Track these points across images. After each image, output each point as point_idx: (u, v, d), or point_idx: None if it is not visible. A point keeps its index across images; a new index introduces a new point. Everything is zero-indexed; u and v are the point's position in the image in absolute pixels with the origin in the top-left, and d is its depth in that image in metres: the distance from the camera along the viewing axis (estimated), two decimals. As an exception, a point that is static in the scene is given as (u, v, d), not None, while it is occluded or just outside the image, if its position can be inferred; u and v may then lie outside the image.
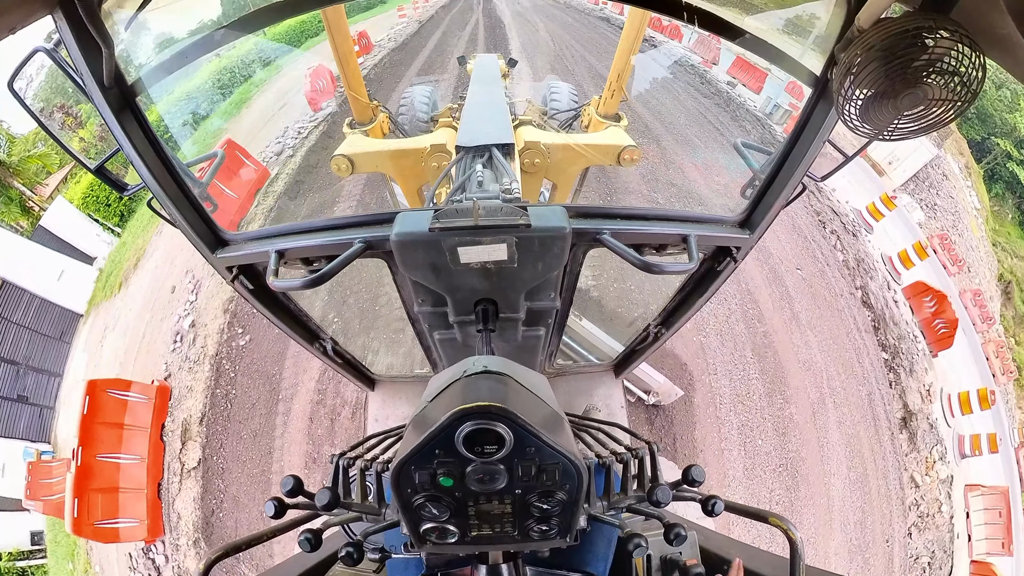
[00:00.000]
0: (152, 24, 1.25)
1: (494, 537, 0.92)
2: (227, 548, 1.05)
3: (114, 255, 11.09)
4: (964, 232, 13.66)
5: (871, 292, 8.51)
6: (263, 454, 6.07)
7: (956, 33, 0.82)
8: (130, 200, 12.28)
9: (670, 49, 15.88)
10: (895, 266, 9.58)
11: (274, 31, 15.16)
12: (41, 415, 9.09)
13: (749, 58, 12.82)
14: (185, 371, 6.51)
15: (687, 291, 2.18)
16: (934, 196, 13.72)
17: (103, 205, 12.24)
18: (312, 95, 11.90)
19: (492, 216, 1.36)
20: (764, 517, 1.06)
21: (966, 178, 16.37)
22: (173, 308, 7.43)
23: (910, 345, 8.26)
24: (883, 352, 7.86)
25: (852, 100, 0.98)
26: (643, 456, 1.16)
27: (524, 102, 3.91)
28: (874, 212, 10.39)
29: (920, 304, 8.93)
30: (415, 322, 2.14)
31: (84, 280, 10.61)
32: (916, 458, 7.20)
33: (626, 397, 5.81)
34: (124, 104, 1.25)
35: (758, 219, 1.66)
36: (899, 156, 13.08)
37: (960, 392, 8.45)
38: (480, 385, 0.91)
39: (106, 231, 12.12)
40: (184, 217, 1.51)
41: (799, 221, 9.09)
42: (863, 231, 9.92)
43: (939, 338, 8.65)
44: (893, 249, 10.01)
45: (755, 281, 7.48)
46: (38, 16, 0.95)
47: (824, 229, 9.28)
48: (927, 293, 8.88)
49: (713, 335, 6.81)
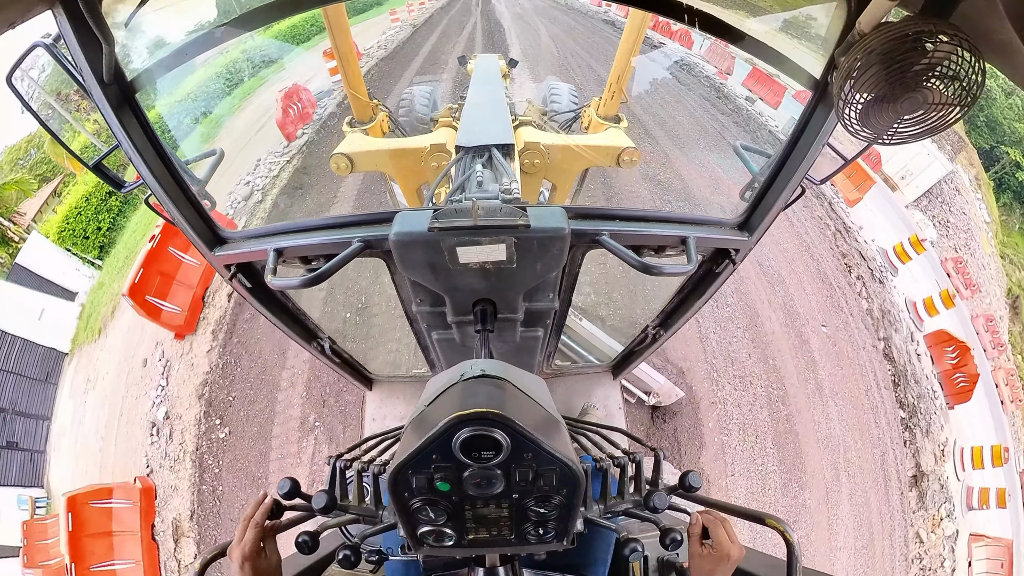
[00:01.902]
0: (152, 20, 1.24)
1: (491, 540, 0.91)
2: (222, 548, 1.04)
3: (94, 295, 10.44)
4: (976, 251, 13.36)
5: (894, 345, 8.20)
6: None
7: (956, 38, 0.83)
8: (110, 230, 12.03)
9: (683, 57, 15.31)
10: (918, 312, 9.17)
11: (262, 37, 14.73)
12: (32, 460, 8.70)
13: (768, 70, 12.39)
14: (167, 469, 6.17)
15: (685, 293, 2.18)
16: (947, 213, 13.42)
17: (80, 238, 11.74)
18: (285, 123, 10.44)
19: (491, 216, 1.36)
20: (761, 519, 1.07)
21: (976, 190, 16.06)
22: (145, 387, 6.99)
23: (928, 404, 7.98)
24: (901, 410, 7.64)
25: (852, 103, 0.98)
26: (640, 460, 1.16)
27: (524, 102, 3.91)
28: (901, 254, 9.92)
29: (941, 354, 8.57)
30: (413, 322, 2.14)
31: (66, 317, 10.05)
32: (923, 515, 7.07)
33: (624, 397, 5.84)
34: (123, 101, 1.25)
35: (757, 221, 1.66)
36: (912, 171, 12.79)
37: (973, 447, 8.20)
38: (477, 390, 0.91)
39: (86, 264, 11.56)
40: (182, 214, 1.51)
41: (825, 265, 8.75)
42: (888, 274, 9.50)
43: (957, 391, 8.34)
44: (918, 294, 9.57)
45: (782, 354, 7.13)
46: (38, 11, 0.95)
47: (850, 274, 8.92)
48: (950, 343, 8.51)
49: (735, 431, 6.41)
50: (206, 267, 7.24)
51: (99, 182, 11.57)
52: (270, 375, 6.33)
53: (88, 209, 11.97)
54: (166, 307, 7.01)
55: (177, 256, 7.37)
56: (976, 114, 20.22)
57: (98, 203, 12.09)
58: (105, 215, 12.20)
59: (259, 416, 6.07)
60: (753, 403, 6.60)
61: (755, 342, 7.02)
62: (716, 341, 6.83)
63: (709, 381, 6.51)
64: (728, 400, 6.43)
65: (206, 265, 6.95)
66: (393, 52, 14.82)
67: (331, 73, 12.18)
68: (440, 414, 0.81)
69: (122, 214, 12.49)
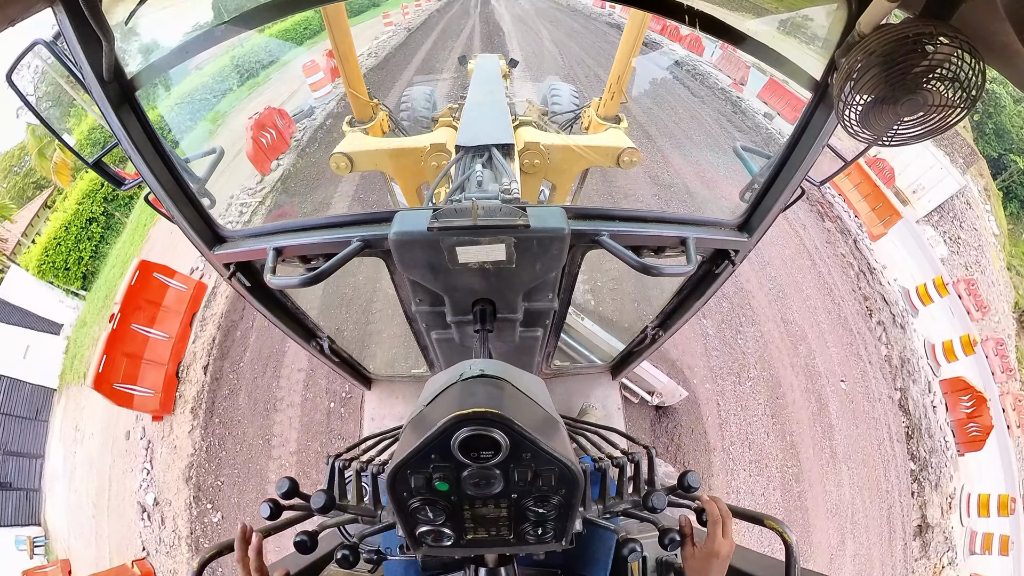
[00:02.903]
0: (153, 18, 1.24)
1: (490, 540, 0.91)
2: (220, 547, 1.04)
3: (77, 332, 9.99)
4: (987, 268, 13.05)
5: (911, 397, 7.96)
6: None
7: (956, 40, 0.83)
8: (92, 258, 11.61)
9: (695, 66, 14.58)
10: (936, 356, 8.90)
11: (246, 49, 14.27)
12: (28, 498, 8.57)
13: (785, 82, 11.75)
14: (163, 554, 5.96)
15: (685, 293, 2.18)
16: (957, 228, 13.12)
17: (61, 270, 11.26)
18: (257, 155, 9.00)
19: (491, 216, 1.36)
20: (760, 520, 1.07)
21: (985, 201, 15.74)
22: (130, 463, 6.65)
23: (940, 458, 7.82)
24: (912, 462, 7.50)
25: (852, 105, 0.98)
26: (639, 460, 1.16)
27: (524, 102, 3.91)
28: (923, 295, 9.56)
29: (956, 402, 8.37)
30: (412, 321, 2.14)
31: (53, 352, 9.90)
32: (925, 564, 6.98)
33: (624, 395, 5.81)
34: (123, 98, 1.24)
35: (756, 222, 1.66)
36: (924, 185, 12.50)
37: (981, 494, 8.08)
38: (476, 390, 0.91)
39: (69, 295, 11.19)
40: (182, 213, 1.51)
41: (846, 309, 8.44)
42: (909, 316, 9.17)
43: (970, 440, 8.20)
44: (938, 337, 9.25)
45: (800, 426, 6.82)
46: (38, 8, 0.95)
47: (871, 319, 8.60)
48: (966, 392, 8.30)
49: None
50: (175, 340, 6.93)
51: (78, 210, 11.55)
52: (256, 464, 6.01)
53: (68, 239, 11.51)
54: (138, 391, 6.52)
55: (142, 333, 6.85)
56: (984, 121, 20.02)
57: (78, 231, 11.68)
58: (86, 243, 11.78)
59: (251, 504, 5.83)
60: (767, 486, 6.37)
61: (775, 417, 6.70)
62: (736, 424, 6.49)
63: (725, 472, 6.18)
64: (741, 488, 6.19)
65: (175, 338, 6.85)
66: (384, 60, 13.94)
67: (313, 88, 11.85)
68: (439, 414, 0.81)
69: (104, 241, 12.13)
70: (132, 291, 6.88)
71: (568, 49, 15.06)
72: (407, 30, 17.06)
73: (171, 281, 7.39)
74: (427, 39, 16.53)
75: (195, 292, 7.51)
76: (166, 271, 7.41)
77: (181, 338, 7.06)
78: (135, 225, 11.34)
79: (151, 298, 7.10)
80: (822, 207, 10.18)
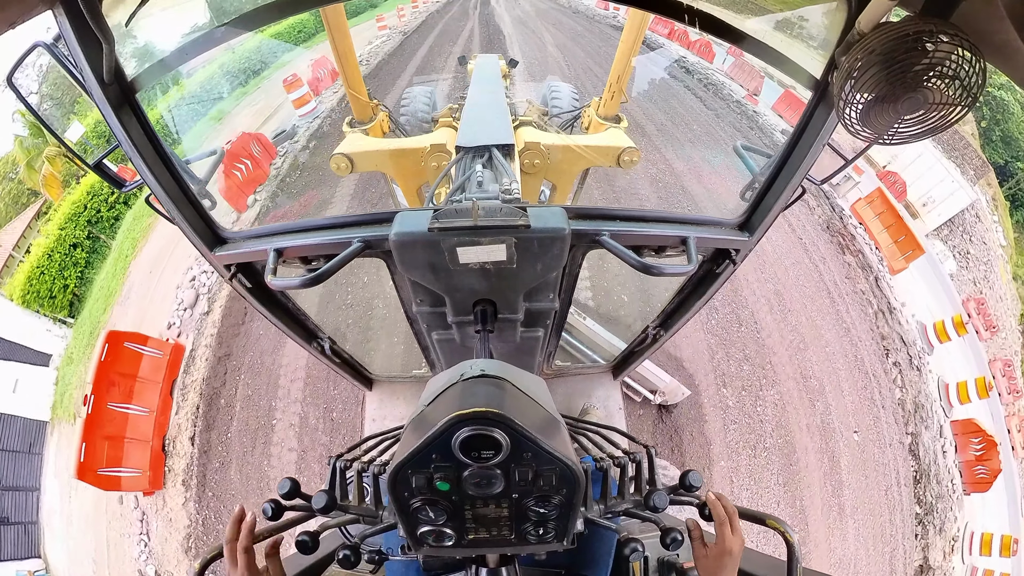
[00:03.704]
0: (153, 20, 1.24)
1: (491, 540, 0.91)
2: (221, 548, 1.04)
3: (64, 370, 9.42)
4: (995, 283, 12.71)
5: (922, 442, 7.80)
6: None
7: (956, 38, 0.83)
8: (78, 284, 11.05)
9: (708, 75, 13.88)
10: (949, 396, 8.67)
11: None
12: (27, 531, 8.39)
13: (794, 88, 11.33)
14: None
15: (686, 293, 2.18)
16: (967, 243, 12.83)
17: (47, 298, 10.69)
18: (230, 190, 7.99)
19: (491, 216, 1.36)
20: (762, 519, 1.07)
21: (993, 211, 15.32)
22: (126, 526, 6.39)
23: (946, 503, 7.68)
24: (917, 506, 7.35)
25: (852, 103, 0.98)
26: (640, 460, 1.16)
27: (524, 103, 3.91)
28: (941, 332, 9.27)
29: (966, 443, 8.24)
30: (413, 322, 2.14)
31: (43, 384, 9.55)
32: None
33: (627, 395, 5.78)
34: (123, 100, 1.25)
35: (757, 222, 1.66)
36: (935, 198, 12.27)
37: (984, 533, 7.98)
38: (477, 390, 0.91)
39: (57, 324, 10.69)
40: (182, 214, 1.51)
41: (863, 350, 8.20)
42: (925, 354, 8.89)
43: (977, 481, 8.10)
44: (953, 377, 8.95)
45: (811, 490, 6.62)
46: (38, 11, 0.95)
47: (887, 360, 8.36)
48: (977, 435, 8.19)
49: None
50: (157, 413, 6.52)
51: (60, 235, 11.19)
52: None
53: (51, 267, 10.97)
54: (125, 473, 6.20)
55: (120, 411, 6.44)
56: (991, 128, 19.72)
57: (62, 258, 11.15)
58: (71, 270, 11.21)
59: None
60: (774, 552, 6.30)
61: (786, 486, 6.50)
62: (748, 499, 6.26)
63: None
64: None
65: (157, 411, 6.48)
66: (377, 68, 13.21)
67: (296, 105, 10.99)
68: (440, 414, 0.81)
69: (89, 266, 11.56)
70: (103, 367, 6.41)
71: (573, 56, 14.15)
72: (402, 34, 16.29)
73: (144, 349, 6.83)
74: (423, 44, 15.71)
75: (172, 357, 6.98)
76: (137, 338, 6.86)
77: (163, 410, 6.64)
78: (118, 254, 10.69)
79: (125, 371, 6.60)
80: (843, 239, 9.72)
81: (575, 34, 17.46)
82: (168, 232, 8.79)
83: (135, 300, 8.71)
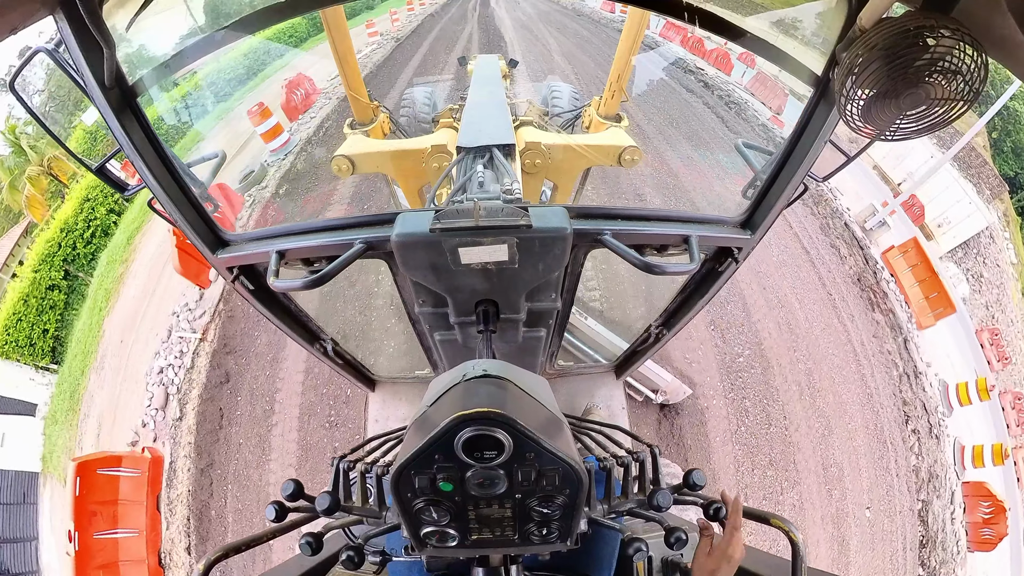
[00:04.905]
0: (153, 24, 1.25)
1: (494, 541, 0.91)
2: (227, 549, 1.05)
3: (50, 428, 8.90)
4: (1007, 306, 12.27)
5: (932, 511, 7.57)
6: None
7: (958, 32, 0.82)
8: (58, 328, 10.53)
9: (728, 92, 12.97)
10: (964, 459, 8.45)
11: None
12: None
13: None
14: None
15: (688, 292, 2.18)
16: (980, 265, 12.39)
17: (26, 346, 10.17)
18: (186, 267, 6.80)
19: (493, 217, 1.36)
20: (766, 519, 1.06)
21: (1005, 227, 14.78)
22: None
23: (949, 568, 7.51)
24: (921, 569, 7.20)
25: (854, 100, 0.98)
26: (644, 459, 1.16)
27: (525, 103, 3.91)
28: (963, 395, 8.83)
29: (975, 505, 8.04)
30: (416, 323, 2.14)
31: (31, 434, 9.18)
32: None
33: (630, 395, 5.77)
34: (125, 104, 1.25)
35: (759, 219, 1.65)
36: (951, 219, 11.86)
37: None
38: (480, 390, 0.91)
39: (40, 371, 10.15)
40: (184, 217, 1.51)
41: (883, 417, 7.89)
42: (944, 419, 8.58)
43: (982, 542, 7.91)
44: (970, 440, 8.68)
45: (818, 563, 6.38)
46: (39, 16, 0.95)
47: (906, 427, 8.10)
48: (987, 499, 8.00)
49: None
50: (148, 531, 6.18)
51: (35, 278, 10.63)
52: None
53: (28, 312, 10.37)
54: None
55: (108, 538, 6.11)
56: (1002, 139, 19.46)
57: (38, 303, 10.53)
58: (49, 313, 10.62)
59: None
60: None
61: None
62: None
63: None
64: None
65: (147, 529, 6.16)
66: (365, 81, 12.42)
67: (266, 139, 9.67)
68: (442, 414, 0.81)
69: (69, 307, 10.93)
70: (80, 501, 6.03)
71: (583, 66, 13.31)
72: (395, 40, 14.91)
73: (120, 471, 6.38)
74: (417, 51, 14.57)
75: (152, 472, 6.45)
76: (110, 462, 6.37)
77: (152, 527, 6.26)
78: (92, 304, 9.76)
79: (104, 498, 6.19)
80: (874, 295, 9.26)
81: (582, 40, 16.56)
82: (139, 285, 8.74)
83: (109, 372, 8.05)
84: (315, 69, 12.21)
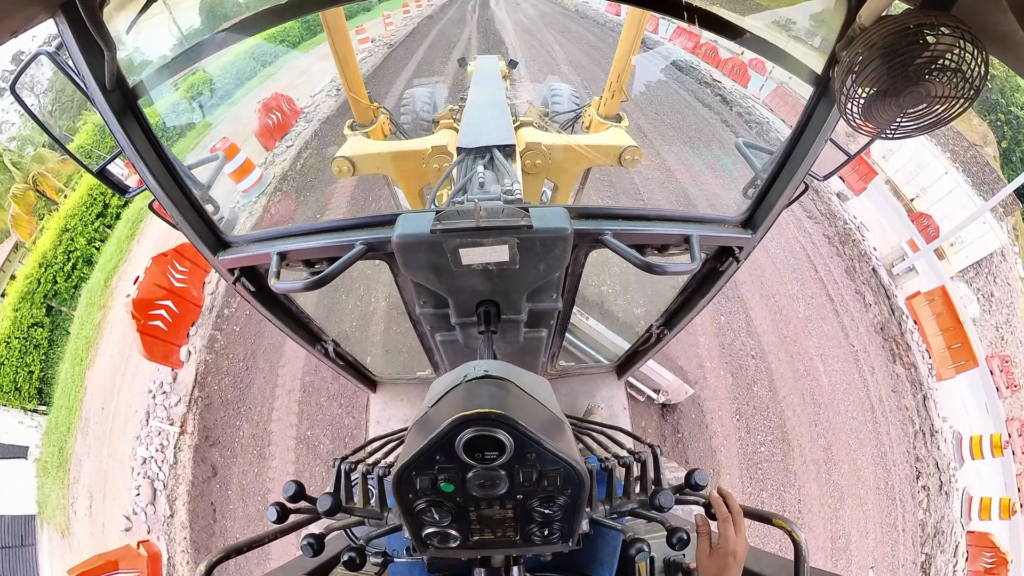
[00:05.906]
0: (154, 27, 1.25)
1: (496, 542, 0.91)
2: (228, 550, 1.05)
3: (42, 478, 8.59)
4: (1017, 327, 11.96)
5: (935, 564, 7.48)
6: None
7: (958, 30, 0.82)
8: (43, 368, 10.10)
9: (747, 108, 12.46)
10: (971, 511, 8.37)
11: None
12: None
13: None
14: None
15: (689, 292, 2.18)
16: (991, 284, 12.17)
17: (11, 391, 9.77)
18: (151, 348, 6.22)
19: (493, 217, 1.36)
20: (768, 519, 1.06)
21: (1014, 242, 14.45)
22: None
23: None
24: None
25: (854, 98, 0.97)
26: (645, 459, 1.16)
27: (525, 103, 3.91)
28: (976, 449, 8.78)
29: (978, 555, 8.03)
30: (417, 324, 2.14)
31: (23, 478, 8.97)
32: None
33: (631, 395, 5.76)
34: (126, 107, 1.25)
35: (760, 219, 1.65)
36: (964, 239, 11.64)
37: None
38: (481, 391, 0.91)
39: (28, 414, 9.89)
40: (186, 218, 1.52)
41: (895, 476, 7.72)
42: (954, 472, 8.46)
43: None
44: (978, 492, 8.54)
45: None
46: (40, 19, 0.96)
47: (916, 483, 7.96)
48: (991, 550, 7.98)
49: None
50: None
51: (15, 318, 10.19)
52: None
53: (11, 355, 9.92)
54: None
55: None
56: (1012, 149, 19.16)
57: (21, 344, 10.06)
58: (33, 353, 10.13)
59: None
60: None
61: None
62: None
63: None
64: None
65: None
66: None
67: (235, 179, 8.47)
68: (443, 415, 0.81)
69: (53, 344, 10.44)
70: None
71: (593, 76, 12.50)
72: (388, 46, 14.16)
73: (119, 574, 5.92)
74: (411, 59, 13.70)
75: (151, 569, 5.98)
76: (107, 567, 5.93)
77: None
78: (74, 354, 9.18)
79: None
80: (897, 346, 9.00)
81: (588, 45, 15.66)
82: (116, 343, 8.21)
83: (94, 439, 7.70)
84: (300, 81, 11.58)
